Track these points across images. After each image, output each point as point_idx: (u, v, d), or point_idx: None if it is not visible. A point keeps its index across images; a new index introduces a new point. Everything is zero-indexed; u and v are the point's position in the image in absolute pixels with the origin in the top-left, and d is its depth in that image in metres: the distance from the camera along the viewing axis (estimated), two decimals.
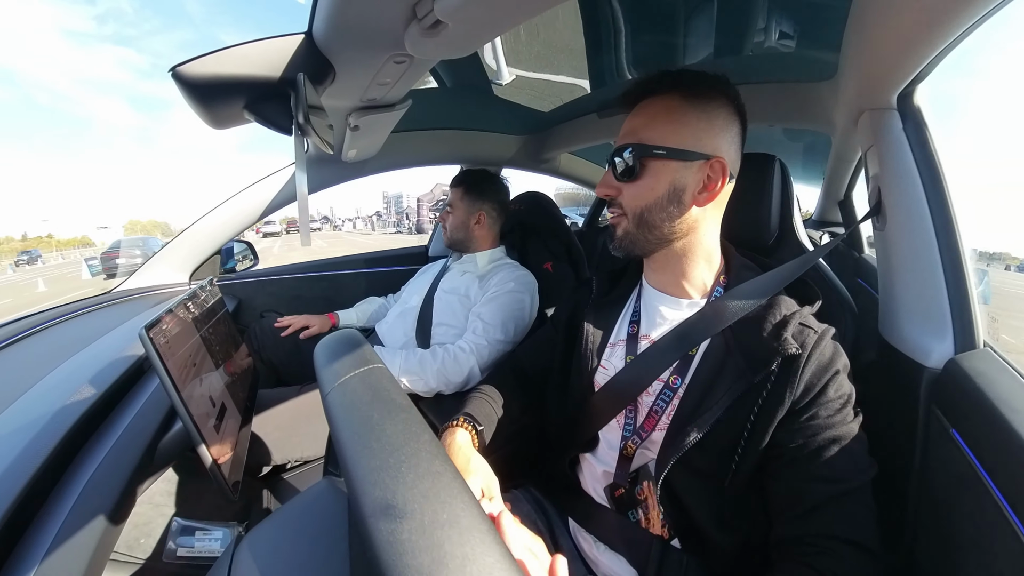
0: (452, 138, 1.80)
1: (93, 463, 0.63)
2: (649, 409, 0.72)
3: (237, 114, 0.72)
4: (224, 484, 0.74)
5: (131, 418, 0.75)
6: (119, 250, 17.21)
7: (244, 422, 0.99)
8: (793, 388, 0.61)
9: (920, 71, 0.71)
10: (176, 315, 0.81)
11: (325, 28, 0.64)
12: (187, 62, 0.62)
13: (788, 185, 0.94)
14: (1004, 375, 0.64)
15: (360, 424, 0.39)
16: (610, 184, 0.73)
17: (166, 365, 0.67)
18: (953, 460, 0.64)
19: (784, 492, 0.62)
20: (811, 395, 0.61)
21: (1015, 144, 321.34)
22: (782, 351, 0.62)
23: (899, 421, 0.77)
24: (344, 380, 0.46)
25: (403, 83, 0.85)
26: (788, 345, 0.62)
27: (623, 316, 0.82)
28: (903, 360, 0.78)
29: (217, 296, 1.14)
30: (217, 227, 1.58)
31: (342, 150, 1.30)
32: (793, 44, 1.05)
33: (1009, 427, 0.55)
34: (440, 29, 0.58)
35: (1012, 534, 0.51)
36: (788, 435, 0.61)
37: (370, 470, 0.33)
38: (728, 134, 0.70)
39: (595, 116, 1.60)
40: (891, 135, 0.80)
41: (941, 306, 0.74)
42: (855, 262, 1.55)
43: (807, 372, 0.62)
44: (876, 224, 0.90)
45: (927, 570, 0.70)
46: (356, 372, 0.47)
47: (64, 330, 1.13)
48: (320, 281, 1.97)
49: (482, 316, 1.34)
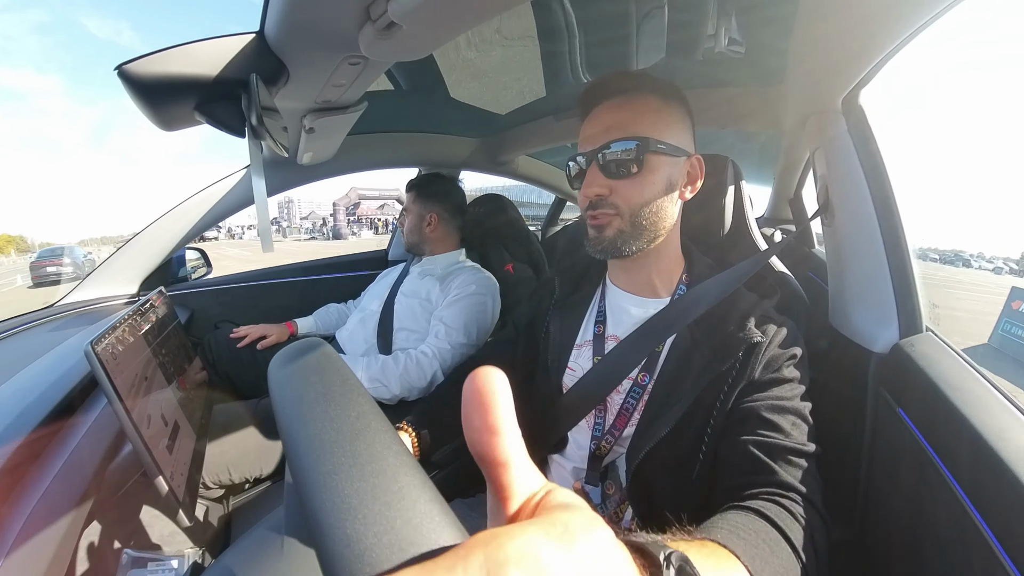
0: (409, 141, 1.78)
1: (35, 495, 0.58)
2: (620, 408, 0.73)
3: (187, 115, 0.69)
4: (178, 508, 0.70)
5: (76, 443, 0.69)
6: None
7: (199, 440, 0.94)
8: (753, 369, 0.64)
9: (863, 76, 0.76)
10: (124, 329, 0.76)
11: (277, 28, 0.62)
12: (133, 60, 0.59)
13: (741, 184, 0.98)
14: (945, 356, 0.69)
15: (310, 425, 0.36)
16: (600, 183, 0.70)
17: (114, 383, 0.63)
18: (900, 437, 0.68)
19: (736, 451, 0.62)
20: (769, 374, 0.64)
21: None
22: (746, 339, 0.65)
23: (850, 404, 0.81)
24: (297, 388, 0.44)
25: (358, 85, 0.83)
26: (752, 334, 0.65)
27: (588, 317, 0.83)
28: (852, 347, 0.82)
29: (168, 307, 1.08)
30: (167, 234, 1.50)
31: (298, 153, 1.26)
32: (743, 50, 1.10)
33: (950, 404, 0.60)
34: (394, 31, 0.58)
35: (954, 499, 0.56)
36: (744, 408, 0.63)
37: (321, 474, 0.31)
38: (692, 135, 0.75)
39: (551, 119, 1.62)
40: (836, 137, 0.84)
41: (886, 295, 0.79)
42: (805, 257, 1.63)
43: (768, 355, 0.65)
44: (825, 220, 0.95)
45: (878, 539, 0.74)
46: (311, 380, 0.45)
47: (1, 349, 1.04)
48: (276, 289, 1.90)
49: (444, 320, 1.33)
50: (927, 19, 0.59)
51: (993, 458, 0.51)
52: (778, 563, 0.48)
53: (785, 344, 0.66)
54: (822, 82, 0.81)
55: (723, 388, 0.65)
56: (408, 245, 1.56)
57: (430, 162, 1.92)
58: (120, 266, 1.49)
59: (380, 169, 1.87)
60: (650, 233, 0.71)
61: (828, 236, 0.95)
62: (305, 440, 0.27)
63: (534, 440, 0.83)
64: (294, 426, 0.29)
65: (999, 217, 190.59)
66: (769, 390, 0.63)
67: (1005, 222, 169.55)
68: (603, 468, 0.74)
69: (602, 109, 0.72)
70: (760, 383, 0.64)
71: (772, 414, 0.61)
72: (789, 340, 0.67)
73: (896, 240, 0.79)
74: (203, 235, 1.74)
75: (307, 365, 0.35)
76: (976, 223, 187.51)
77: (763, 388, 0.64)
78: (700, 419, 0.65)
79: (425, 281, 1.47)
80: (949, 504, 0.56)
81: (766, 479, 0.58)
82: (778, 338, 0.66)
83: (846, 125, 0.84)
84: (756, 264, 0.75)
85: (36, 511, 0.56)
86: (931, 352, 0.71)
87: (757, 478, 0.58)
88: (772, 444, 0.59)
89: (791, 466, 0.58)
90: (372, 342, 1.42)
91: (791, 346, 0.66)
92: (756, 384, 0.64)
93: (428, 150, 1.86)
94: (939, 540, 0.59)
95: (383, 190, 54.08)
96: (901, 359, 0.72)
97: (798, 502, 0.55)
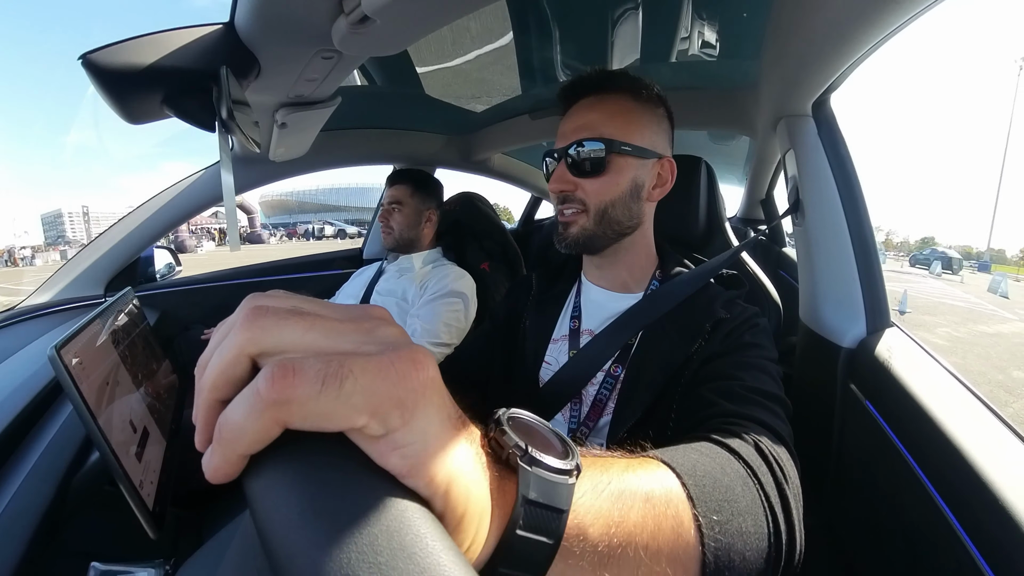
0: (383, 137, 1.75)
1: None
2: (593, 399, 0.74)
3: (155, 108, 0.66)
4: (148, 518, 0.67)
5: (40, 452, 0.66)
6: None
7: (169, 446, 0.91)
8: (718, 342, 0.65)
9: (832, 81, 0.79)
10: (90, 332, 0.73)
11: (248, 19, 0.60)
12: (99, 49, 0.56)
13: (714, 185, 1.00)
14: (911, 350, 0.72)
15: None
16: (567, 179, 0.72)
17: (79, 389, 0.60)
18: (868, 429, 0.71)
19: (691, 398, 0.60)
20: (731, 340, 0.65)
21: None
22: (712, 317, 0.66)
23: (820, 397, 0.84)
24: None
25: (331, 79, 0.82)
26: (718, 312, 0.67)
27: (564, 312, 0.84)
28: (821, 342, 0.85)
29: (136, 308, 1.04)
30: (135, 232, 1.44)
31: (270, 149, 1.23)
32: (715, 53, 1.12)
33: (915, 397, 0.62)
34: (368, 25, 0.57)
35: (920, 486, 0.58)
36: (711, 372, 0.62)
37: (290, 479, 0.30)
38: (668, 137, 0.76)
39: (527, 117, 1.63)
40: (807, 139, 0.87)
41: (854, 292, 0.82)
42: (777, 256, 1.67)
43: (731, 326, 0.66)
44: (795, 220, 0.98)
45: (847, 527, 0.77)
46: None
47: None
48: (248, 288, 1.85)
49: (421, 318, 1.32)
50: (897, 25, 0.61)
51: (957, 449, 0.54)
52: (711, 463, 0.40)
53: (748, 315, 0.68)
54: (793, 86, 0.84)
55: (689, 366, 0.65)
56: (399, 242, 1.49)
57: (406, 159, 1.90)
58: (85, 266, 1.42)
59: (355, 165, 1.84)
60: (615, 232, 0.73)
61: (799, 235, 0.98)
62: None
63: None
64: None
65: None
66: (732, 354, 0.63)
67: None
68: None
69: (577, 107, 0.74)
70: (722, 351, 0.64)
71: (733, 368, 0.60)
72: (753, 313, 0.69)
73: (864, 239, 0.82)
74: None
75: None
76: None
77: (725, 354, 0.63)
78: (668, 398, 0.65)
79: (402, 280, 1.45)
80: (916, 494, 0.59)
81: (718, 411, 0.53)
82: (744, 315, 0.68)
83: (817, 128, 0.86)
84: (727, 260, 0.77)
85: (0, 522, 0.54)
86: (897, 346, 0.74)
87: (709, 411, 0.54)
88: (729, 387, 0.56)
89: (749, 403, 0.53)
90: None
91: (754, 317, 0.68)
92: (719, 352, 0.64)
93: (402, 147, 1.84)
94: (906, 528, 0.62)
95: None
96: (869, 354, 0.75)
97: (752, 430, 0.48)
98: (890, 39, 0.65)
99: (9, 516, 0.55)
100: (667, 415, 0.65)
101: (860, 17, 0.60)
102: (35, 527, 0.56)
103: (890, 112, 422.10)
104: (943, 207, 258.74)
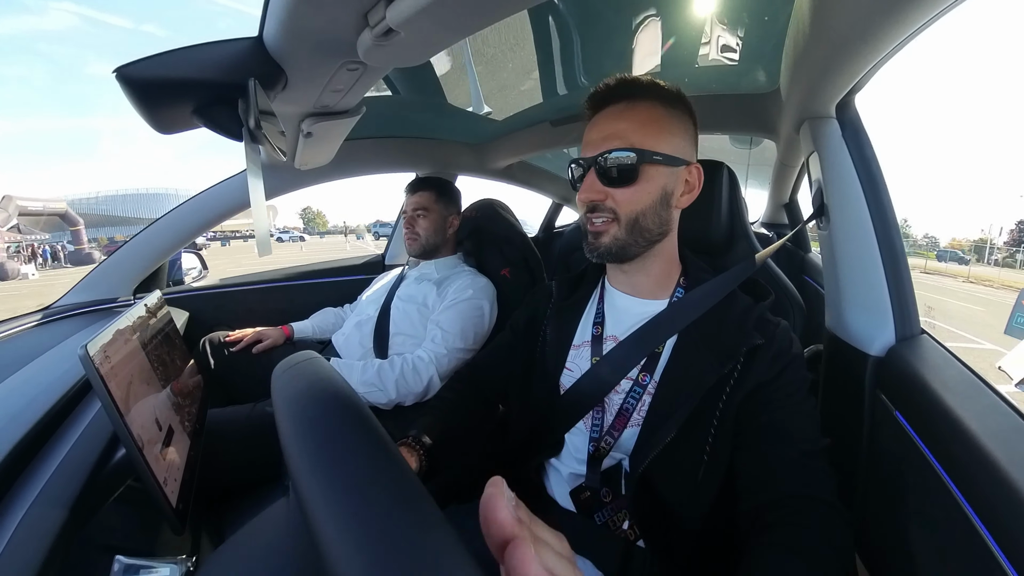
0: (406, 146, 1.78)
1: (27, 500, 0.57)
2: (619, 408, 0.73)
3: (185, 119, 0.69)
4: (171, 514, 0.69)
5: (69, 447, 0.69)
6: None
7: (193, 445, 0.93)
8: (759, 373, 0.66)
9: (856, 82, 0.77)
10: (119, 332, 0.76)
11: (276, 34, 0.62)
12: (132, 63, 0.59)
13: (736, 190, 0.99)
14: (940, 360, 0.70)
15: (312, 439, 0.36)
16: (597, 188, 0.71)
17: (108, 387, 0.62)
18: (898, 440, 0.68)
19: (749, 460, 0.65)
20: (773, 376, 0.66)
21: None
22: (748, 342, 0.66)
23: (847, 406, 0.81)
24: (297, 396, 0.44)
25: (356, 90, 0.83)
26: (753, 337, 0.66)
27: (586, 318, 0.83)
28: (848, 350, 0.83)
29: (164, 311, 1.08)
30: (163, 237, 1.49)
31: (295, 157, 1.26)
32: (737, 57, 1.11)
33: (946, 407, 0.59)
34: (392, 37, 0.58)
35: (954, 505, 0.55)
36: (752, 414, 0.65)
37: (326, 488, 0.32)
38: (694, 143, 0.75)
39: (548, 125, 1.63)
40: (831, 142, 0.85)
41: (882, 298, 0.79)
42: (801, 261, 1.63)
43: (770, 358, 0.66)
44: (820, 225, 0.95)
45: (876, 542, 0.74)
46: (311, 387, 0.45)
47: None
48: (273, 293, 1.89)
49: (441, 324, 1.32)
50: (921, 24, 0.59)
51: (991, 462, 0.51)
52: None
53: (786, 345, 0.68)
54: (816, 87, 0.82)
55: (725, 390, 0.66)
56: (425, 247, 1.50)
57: (428, 167, 1.93)
58: (116, 268, 1.48)
59: (377, 174, 1.87)
60: (646, 240, 0.73)
61: (823, 240, 0.95)
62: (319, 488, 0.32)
63: (531, 443, 0.82)
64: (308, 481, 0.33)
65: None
66: (776, 396, 0.66)
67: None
68: (603, 472, 0.74)
69: (605, 115, 0.73)
70: (766, 389, 0.66)
71: (783, 420, 0.64)
72: (788, 340, 0.69)
73: (891, 243, 0.79)
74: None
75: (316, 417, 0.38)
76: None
77: (769, 393, 0.66)
78: (704, 421, 0.66)
79: (423, 286, 1.46)
80: (948, 508, 0.56)
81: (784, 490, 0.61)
82: (778, 340, 0.68)
83: (840, 130, 0.84)
84: (751, 267, 0.76)
85: (28, 515, 0.56)
86: (927, 355, 0.71)
87: (777, 488, 0.62)
88: (786, 452, 0.63)
89: (806, 471, 0.62)
90: (368, 346, 1.42)
91: (791, 347, 0.69)
92: (762, 390, 0.66)
93: (425, 155, 1.86)
94: (938, 544, 0.59)
95: (42, 200, 28.71)
96: (898, 362, 0.73)
97: (819, 509, 0.59)
98: (915, 37, 0.63)
99: (39, 507, 0.57)
100: (704, 437, 0.66)
101: (884, 15, 0.58)
102: (63, 519, 0.58)
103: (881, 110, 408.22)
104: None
